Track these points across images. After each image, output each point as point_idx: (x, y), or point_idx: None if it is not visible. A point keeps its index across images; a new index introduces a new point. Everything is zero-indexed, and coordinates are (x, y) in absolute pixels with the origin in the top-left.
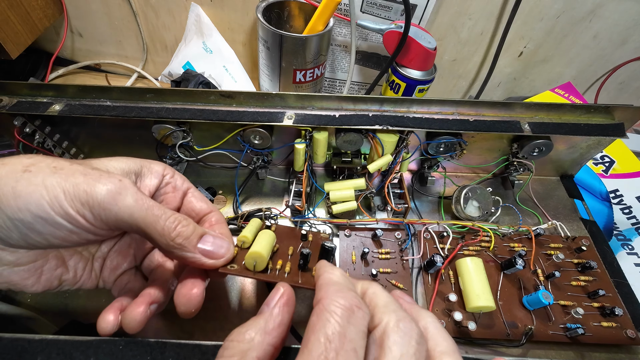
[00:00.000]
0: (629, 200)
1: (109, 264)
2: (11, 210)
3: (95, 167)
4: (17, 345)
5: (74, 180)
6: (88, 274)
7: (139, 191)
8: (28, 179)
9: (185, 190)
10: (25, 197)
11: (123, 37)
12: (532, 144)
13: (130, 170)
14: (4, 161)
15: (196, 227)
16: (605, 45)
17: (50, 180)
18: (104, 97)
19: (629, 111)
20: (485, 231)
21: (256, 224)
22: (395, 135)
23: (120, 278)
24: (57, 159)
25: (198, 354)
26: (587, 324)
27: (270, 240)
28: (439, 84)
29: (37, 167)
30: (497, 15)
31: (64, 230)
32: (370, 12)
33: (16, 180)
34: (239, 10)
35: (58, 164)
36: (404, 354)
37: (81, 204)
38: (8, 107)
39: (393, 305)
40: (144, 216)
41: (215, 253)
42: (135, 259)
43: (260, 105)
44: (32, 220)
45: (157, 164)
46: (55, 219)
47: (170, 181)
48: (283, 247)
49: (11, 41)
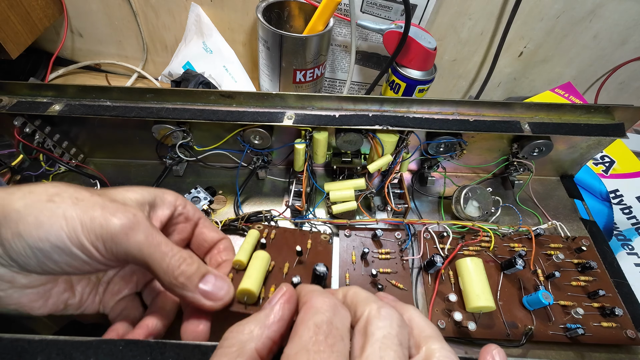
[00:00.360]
0: (629, 200)
1: (111, 289)
2: (32, 240)
3: (113, 199)
4: (16, 346)
5: (92, 213)
6: (92, 298)
7: (151, 227)
8: (51, 209)
9: (196, 220)
10: (46, 227)
11: (123, 37)
12: (532, 144)
13: (144, 201)
14: (31, 189)
15: (199, 266)
16: (605, 45)
17: (71, 212)
18: (104, 97)
19: (629, 111)
20: (485, 231)
21: (253, 240)
22: (395, 135)
23: (118, 303)
24: (79, 189)
25: (198, 355)
26: (587, 324)
27: (264, 266)
28: (439, 84)
29: (61, 197)
30: (497, 15)
31: (79, 260)
32: (370, 12)
33: (40, 210)
34: (239, 10)
35: (80, 195)
36: (386, 336)
37: (95, 236)
38: (8, 107)
39: (373, 298)
40: (152, 252)
41: (215, 295)
42: (136, 285)
43: (260, 105)
44: (50, 249)
45: (170, 194)
46: (71, 250)
47: (182, 212)
48: (279, 261)
49: (11, 41)
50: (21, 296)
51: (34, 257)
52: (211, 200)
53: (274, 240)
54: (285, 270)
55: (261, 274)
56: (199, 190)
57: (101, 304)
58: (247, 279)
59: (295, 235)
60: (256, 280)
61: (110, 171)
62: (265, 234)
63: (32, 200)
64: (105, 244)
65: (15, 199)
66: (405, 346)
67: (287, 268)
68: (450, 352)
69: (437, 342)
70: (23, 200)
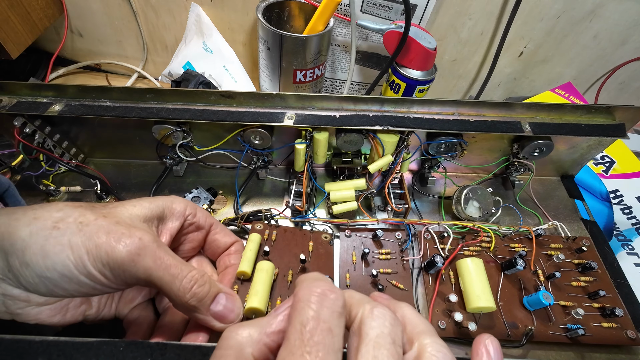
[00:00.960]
0: (629, 201)
1: (125, 296)
2: (39, 269)
3: (118, 221)
4: (17, 347)
5: (97, 241)
6: (109, 307)
7: (158, 249)
8: (56, 237)
9: (208, 228)
10: (52, 257)
11: (123, 37)
12: (532, 144)
13: (152, 216)
14: (37, 214)
15: (211, 287)
16: (605, 45)
17: (76, 240)
18: (104, 97)
19: (630, 111)
20: (486, 231)
21: (255, 246)
22: (395, 135)
23: (132, 310)
24: (84, 211)
25: (199, 356)
26: (588, 324)
27: (269, 279)
28: (439, 84)
29: (65, 223)
30: (497, 15)
31: (87, 287)
32: (370, 12)
33: (45, 238)
34: (239, 10)
35: (84, 219)
36: (380, 335)
37: (102, 264)
38: (8, 107)
39: (366, 299)
40: (161, 276)
41: (225, 317)
42: (150, 293)
43: (260, 106)
44: (58, 278)
45: (179, 202)
46: (79, 278)
47: (193, 221)
48: (282, 267)
49: (11, 41)
50: (39, 313)
51: (43, 285)
52: (212, 200)
53: (276, 242)
54: (289, 278)
55: (267, 287)
56: (199, 191)
57: (117, 311)
58: (254, 297)
59: (296, 236)
60: (263, 297)
61: (110, 171)
62: (266, 235)
63: (37, 227)
64: (113, 271)
65: (20, 226)
66: (398, 344)
67: (291, 275)
68: (442, 346)
69: (429, 336)
70: (28, 227)
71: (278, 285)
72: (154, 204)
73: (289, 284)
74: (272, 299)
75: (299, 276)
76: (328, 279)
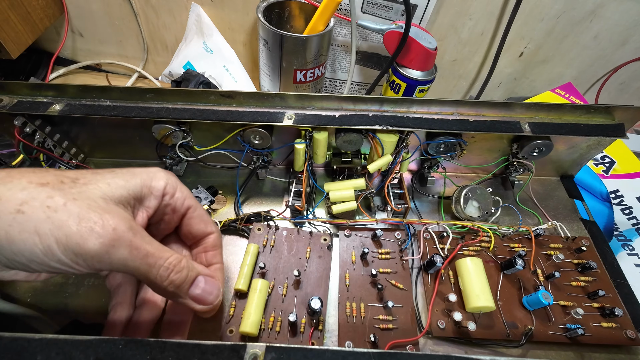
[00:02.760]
0: (630, 201)
1: None
2: (7, 253)
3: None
4: (16, 345)
5: (67, 230)
6: None
7: (134, 237)
8: (21, 223)
9: (184, 211)
10: (19, 243)
11: (123, 37)
12: (532, 144)
13: (128, 197)
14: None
15: (189, 272)
16: (605, 45)
17: (43, 228)
18: (104, 97)
19: (630, 111)
20: (485, 231)
21: (252, 259)
22: (395, 135)
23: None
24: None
25: (197, 354)
26: (587, 324)
27: (263, 298)
28: (440, 84)
29: (30, 207)
30: (498, 16)
31: (60, 269)
32: (370, 12)
33: (9, 224)
34: (240, 10)
35: (52, 203)
36: None
37: (74, 254)
38: (8, 107)
39: None
40: (138, 266)
41: (205, 300)
42: None
43: (260, 105)
44: (27, 262)
45: (158, 180)
46: (50, 264)
47: (169, 202)
48: (279, 276)
49: (12, 41)
50: (15, 274)
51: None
52: (212, 200)
53: (274, 248)
54: (284, 292)
55: (260, 309)
56: (200, 190)
57: None
58: (246, 321)
59: (296, 240)
60: (255, 320)
61: None
62: (265, 241)
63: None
64: (87, 261)
65: None
66: None
67: (286, 289)
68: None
69: None
70: None
71: (272, 300)
72: (130, 182)
73: (283, 299)
74: (266, 314)
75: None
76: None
